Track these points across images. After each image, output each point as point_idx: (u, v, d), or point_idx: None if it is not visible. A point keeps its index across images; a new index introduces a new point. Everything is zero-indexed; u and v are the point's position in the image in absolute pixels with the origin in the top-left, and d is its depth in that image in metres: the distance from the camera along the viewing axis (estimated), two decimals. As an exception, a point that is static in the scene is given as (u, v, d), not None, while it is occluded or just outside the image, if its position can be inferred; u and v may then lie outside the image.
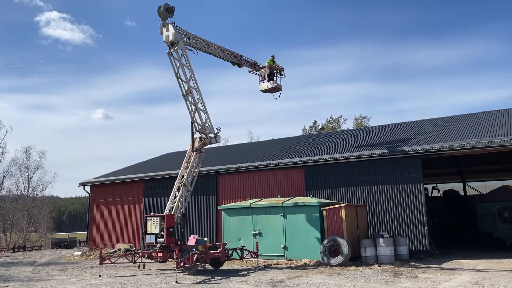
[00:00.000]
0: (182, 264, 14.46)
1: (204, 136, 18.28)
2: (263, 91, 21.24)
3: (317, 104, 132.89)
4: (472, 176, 33.07)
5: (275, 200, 19.33)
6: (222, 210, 20.35)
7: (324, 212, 17.18)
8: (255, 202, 19.53)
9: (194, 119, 17.91)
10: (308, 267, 16.16)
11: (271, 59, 21.21)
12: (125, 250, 22.03)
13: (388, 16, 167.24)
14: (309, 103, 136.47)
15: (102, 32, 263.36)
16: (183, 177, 18.10)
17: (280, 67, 21.50)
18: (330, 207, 17.24)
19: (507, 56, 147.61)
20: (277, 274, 14.36)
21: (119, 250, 23.96)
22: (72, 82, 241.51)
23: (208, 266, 16.56)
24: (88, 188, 29.19)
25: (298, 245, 17.67)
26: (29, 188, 53.90)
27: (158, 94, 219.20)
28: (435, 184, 33.68)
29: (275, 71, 21.14)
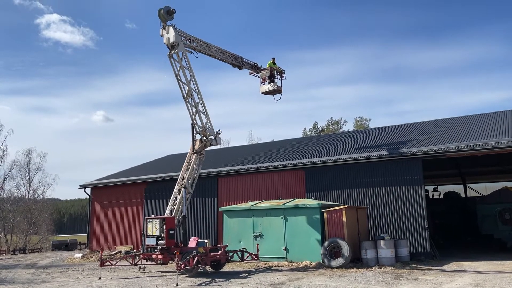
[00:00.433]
0: (182, 266, 14.46)
1: (205, 138, 18.27)
2: (263, 93, 21.22)
3: (317, 106, 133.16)
4: (472, 177, 33.07)
5: (275, 202, 19.31)
6: (223, 212, 20.34)
7: (325, 214, 17.17)
8: (256, 204, 19.51)
9: (195, 121, 17.91)
10: (309, 269, 16.15)
11: (272, 61, 21.21)
12: (125, 252, 22.06)
13: (388, 17, 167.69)
14: (309, 105, 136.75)
15: (102, 34, 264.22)
16: (183, 179, 18.09)
17: (280, 69, 21.50)
18: (330, 209, 17.23)
19: (507, 57, 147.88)
20: (277, 276, 14.35)
21: (120, 252, 23.96)
22: (72, 84, 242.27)
23: (208, 268, 16.52)
24: (88, 190, 29.21)
25: (298, 247, 17.65)
26: (29, 190, 53.93)
27: (159, 96, 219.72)
28: (435, 186, 33.69)
29: (275, 73, 21.12)
